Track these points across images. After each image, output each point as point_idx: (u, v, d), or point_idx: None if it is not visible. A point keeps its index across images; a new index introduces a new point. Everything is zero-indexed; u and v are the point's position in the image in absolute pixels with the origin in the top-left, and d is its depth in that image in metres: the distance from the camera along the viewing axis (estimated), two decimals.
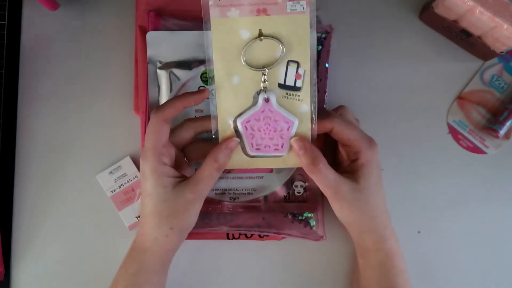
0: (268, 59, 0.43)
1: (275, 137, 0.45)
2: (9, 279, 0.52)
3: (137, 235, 0.47)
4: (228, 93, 0.44)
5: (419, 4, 0.55)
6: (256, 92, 0.44)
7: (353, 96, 0.54)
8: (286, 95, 0.44)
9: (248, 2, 0.41)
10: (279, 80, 0.44)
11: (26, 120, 0.54)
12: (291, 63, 0.43)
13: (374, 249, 0.47)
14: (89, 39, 0.55)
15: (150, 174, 0.44)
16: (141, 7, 0.51)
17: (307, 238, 0.51)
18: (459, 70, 0.55)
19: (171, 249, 0.46)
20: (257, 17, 0.42)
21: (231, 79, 0.44)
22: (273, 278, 0.53)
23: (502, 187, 0.54)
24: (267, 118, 0.44)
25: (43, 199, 0.53)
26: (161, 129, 0.44)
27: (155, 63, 0.50)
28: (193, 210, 0.45)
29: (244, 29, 0.42)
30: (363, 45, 0.55)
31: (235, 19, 0.42)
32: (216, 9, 0.42)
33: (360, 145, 0.45)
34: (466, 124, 0.54)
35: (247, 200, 0.51)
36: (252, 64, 0.43)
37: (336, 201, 0.45)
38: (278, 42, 0.42)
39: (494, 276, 0.53)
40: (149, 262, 0.45)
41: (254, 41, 0.42)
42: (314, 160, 0.44)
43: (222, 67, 0.43)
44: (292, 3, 0.41)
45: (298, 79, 0.44)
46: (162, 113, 0.44)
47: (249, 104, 0.44)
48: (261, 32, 0.42)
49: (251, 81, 0.44)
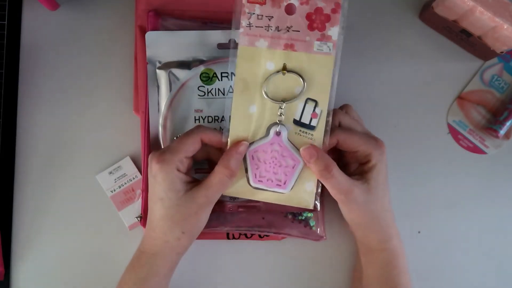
0: (287, 93, 0.44)
1: (279, 172, 0.45)
2: (9, 279, 0.52)
3: (146, 239, 0.46)
4: (243, 120, 0.44)
5: (419, 4, 0.55)
6: (270, 124, 0.44)
7: (353, 96, 0.54)
8: (300, 132, 0.44)
9: (278, 36, 0.43)
10: (295, 116, 0.44)
11: (26, 120, 0.54)
12: (310, 101, 0.44)
13: (378, 249, 0.47)
14: (89, 39, 0.55)
15: (163, 179, 0.43)
16: (140, 7, 0.51)
17: (307, 238, 0.51)
18: (459, 70, 0.55)
19: (181, 252, 0.46)
20: (283, 51, 0.43)
21: (249, 107, 0.44)
22: (273, 278, 0.53)
23: (502, 187, 0.54)
24: (275, 151, 0.44)
25: (43, 199, 0.53)
26: (195, 145, 0.44)
27: (154, 63, 0.50)
28: (204, 214, 0.45)
29: (269, 61, 0.43)
30: (363, 45, 0.55)
31: (263, 50, 0.43)
32: (245, 38, 0.43)
33: (368, 148, 0.45)
34: (466, 124, 0.54)
35: (247, 200, 0.51)
36: (272, 96, 0.44)
37: (348, 204, 0.45)
38: (300, 78, 0.43)
39: (494, 276, 0.53)
40: (159, 265, 0.45)
41: (277, 74, 0.43)
42: (327, 166, 0.43)
43: (242, 94, 0.44)
44: (319, 43, 0.42)
45: (314, 118, 0.44)
46: (205, 134, 0.44)
47: (262, 135, 0.45)
48: (285, 66, 0.43)
49: (268, 112, 0.44)
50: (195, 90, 0.50)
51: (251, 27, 0.43)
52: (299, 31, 0.43)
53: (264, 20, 0.43)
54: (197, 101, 0.50)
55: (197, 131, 0.45)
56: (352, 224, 0.47)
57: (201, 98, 0.50)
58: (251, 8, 0.42)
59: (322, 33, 0.42)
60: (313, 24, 0.42)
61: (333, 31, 0.42)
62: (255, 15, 0.43)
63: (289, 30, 0.43)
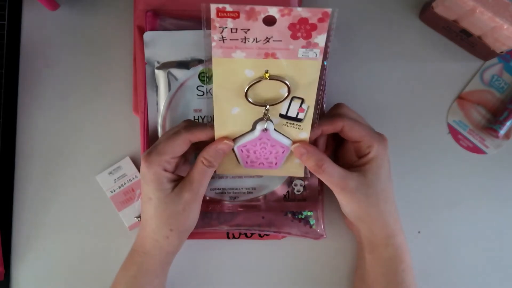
0: (272, 95, 0.41)
1: (270, 157, 0.45)
2: (9, 279, 0.52)
3: (138, 238, 0.47)
4: (226, 120, 0.43)
5: (419, 4, 0.55)
6: (257, 120, 0.43)
7: (353, 96, 0.54)
8: (287, 123, 0.43)
9: (256, 46, 0.38)
10: (281, 111, 0.43)
11: (26, 120, 0.54)
12: (296, 98, 0.42)
13: (384, 244, 0.47)
14: (89, 39, 0.55)
15: (151, 180, 0.44)
16: (139, 7, 0.51)
17: (307, 236, 0.51)
18: (459, 70, 0.55)
19: (171, 251, 0.47)
20: (264, 59, 0.39)
21: (231, 109, 0.42)
22: (274, 277, 0.53)
23: (502, 187, 0.54)
24: (264, 143, 0.44)
25: (43, 199, 0.53)
26: (181, 146, 0.44)
27: (153, 63, 0.50)
28: (191, 211, 0.45)
29: (249, 69, 0.40)
30: (363, 45, 0.55)
31: (240, 60, 0.39)
32: (219, 50, 0.38)
33: (372, 140, 0.45)
34: (466, 124, 0.54)
35: (246, 199, 0.51)
36: (255, 100, 0.41)
37: (344, 196, 0.45)
38: (283, 84, 0.40)
39: (494, 276, 0.53)
40: (149, 264, 0.46)
41: (259, 80, 0.40)
42: (318, 161, 0.44)
43: (222, 99, 0.42)
44: (305, 50, 0.38)
45: (301, 112, 0.42)
46: (192, 134, 0.44)
47: (247, 130, 0.44)
48: (267, 73, 0.40)
49: (251, 111, 0.42)
50: (194, 90, 0.50)
51: (224, 40, 0.38)
52: (281, 41, 0.38)
53: (240, 33, 0.37)
54: (196, 100, 0.50)
55: (185, 132, 0.44)
56: (353, 218, 0.47)
57: (200, 98, 0.50)
58: (222, 22, 0.36)
59: (307, 41, 0.38)
60: (297, 33, 0.37)
61: (320, 38, 0.37)
62: (228, 28, 0.37)
63: (269, 41, 0.38)
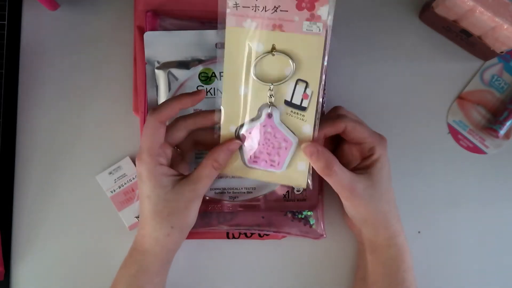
0: (277, 75, 0.43)
1: (273, 153, 0.45)
2: (9, 279, 0.52)
3: (137, 237, 0.47)
4: (233, 101, 0.44)
5: (419, 4, 0.55)
6: (262, 105, 0.44)
7: (353, 96, 0.54)
8: (291, 112, 0.44)
9: (266, 16, 0.41)
10: (286, 97, 0.43)
11: (26, 120, 0.54)
12: (300, 82, 0.43)
13: (386, 245, 0.47)
14: (89, 39, 0.55)
15: (147, 177, 0.44)
16: (139, 7, 0.51)
17: (307, 236, 0.51)
18: (459, 70, 0.55)
19: (172, 249, 0.46)
20: (272, 31, 0.42)
21: (238, 88, 0.44)
22: (274, 277, 0.53)
23: (502, 187, 0.54)
24: (268, 133, 0.44)
25: (43, 199, 0.53)
26: (157, 130, 0.44)
27: (153, 63, 0.50)
28: (192, 208, 0.45)
29: (258, 42, 0.42)
30: (363, 45, 0.55)
31: (250, 31, 0.42)
32: (232, 18, 0.42)
33: (373, 141, 0.45)
34: (466, 124, 0.54)
35: (246, 199, 0.51)
36: (261, 78, 0.43)
37: (352, 200, 0.45)
38: (289, 59, 0.42)
39: (494, 276, 0.53)
40: (150, 262, 0.45)
41: (266, 55, 0.42)
42: (329, 163, 0.43)
43: (231, 75, 0.43)
44: (309, 23, 0.41)
45: (305, 99, 0.43)
46: (158, 114, 0.43)
47: (253, 116, 0.44)
48: (274, 47, 0.42)
49: (257, 93, 0.43)
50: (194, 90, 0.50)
51: (237, 7, 0.41)
52: (287, 11, 0.41)
53: (251, 0, 0.41)
54: None
55: (177, 119, 0.45)
56: (358, 221, 0.47)
57: None
58: None
59: (311, 13, 0.41)
60: (302, 3, 0.41)
61: (322, 10, 0.40)
62: None
63: (277, 10, 0.41)
